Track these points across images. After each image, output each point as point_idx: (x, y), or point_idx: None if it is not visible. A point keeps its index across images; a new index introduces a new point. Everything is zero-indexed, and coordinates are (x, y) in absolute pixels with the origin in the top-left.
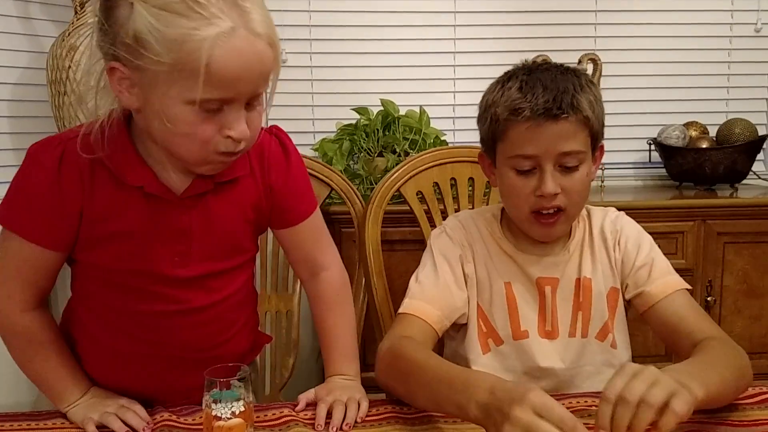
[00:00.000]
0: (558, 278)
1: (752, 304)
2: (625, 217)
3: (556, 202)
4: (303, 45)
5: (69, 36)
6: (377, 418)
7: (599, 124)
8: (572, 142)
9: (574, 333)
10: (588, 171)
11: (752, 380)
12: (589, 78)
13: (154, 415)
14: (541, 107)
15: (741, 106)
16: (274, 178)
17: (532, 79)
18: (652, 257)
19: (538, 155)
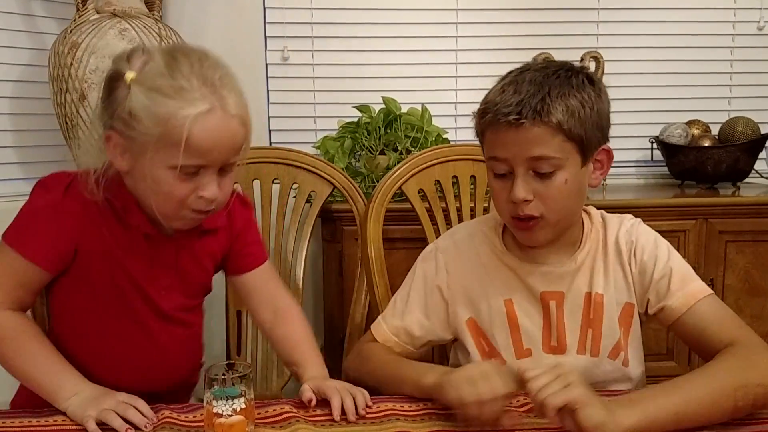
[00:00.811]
0: (563, 292)
1: (754, 303)
2: (641, 226)
3: (528, 210)
4: (305, 43)
5: (71, 33)
6: (378, 415)
7: (585, 128)
8: (541, 148)
9: (584, 350)
10: (568, 178)
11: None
12: (588, 78)
13: (156, 413)
14: (501, 113)
15: (743, 104)
16: (239, 226)
17: (515, 81)
18: (670, 267)
19: (508, 159)
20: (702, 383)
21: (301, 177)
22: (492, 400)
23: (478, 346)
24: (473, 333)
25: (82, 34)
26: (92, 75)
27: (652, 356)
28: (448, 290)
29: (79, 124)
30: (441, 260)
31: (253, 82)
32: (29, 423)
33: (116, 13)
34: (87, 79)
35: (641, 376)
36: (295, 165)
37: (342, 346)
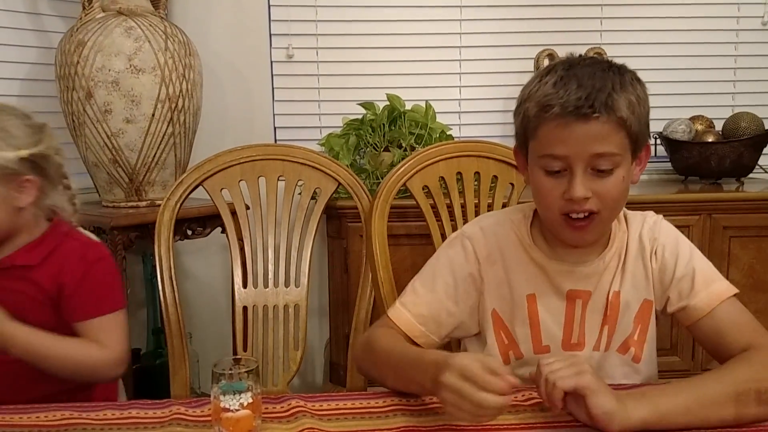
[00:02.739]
0: (590, 291)
1: (758, 298)
2: (663, 223)
3: (587, 206)
4: (309, 40)
5: (77, 31)
6: (384, 410)
7: (640, 125)
8: (606, 144)
9: (599, 347)
10: (625, 175)
11: None
12: (635, 76)
13: (164, 409)
14: (571, 105)
15: (747, 99)
16: (67, 279)
17: (569, 75)
18: (692, 266)
19: (568, 156)
20: (715, 384)
21: (306, 174)
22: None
23: (498, 337)
24: (496, 324)
25: (88, 33)
26: (99, 73)
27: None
28: (481, 280)
29: (86, 122)
30: (470, 247)
31: (258, 80)
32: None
33: (122, 12)
34: (93, 77)
35: (653, 376)
36: (300, 162)
37: (347, 342)
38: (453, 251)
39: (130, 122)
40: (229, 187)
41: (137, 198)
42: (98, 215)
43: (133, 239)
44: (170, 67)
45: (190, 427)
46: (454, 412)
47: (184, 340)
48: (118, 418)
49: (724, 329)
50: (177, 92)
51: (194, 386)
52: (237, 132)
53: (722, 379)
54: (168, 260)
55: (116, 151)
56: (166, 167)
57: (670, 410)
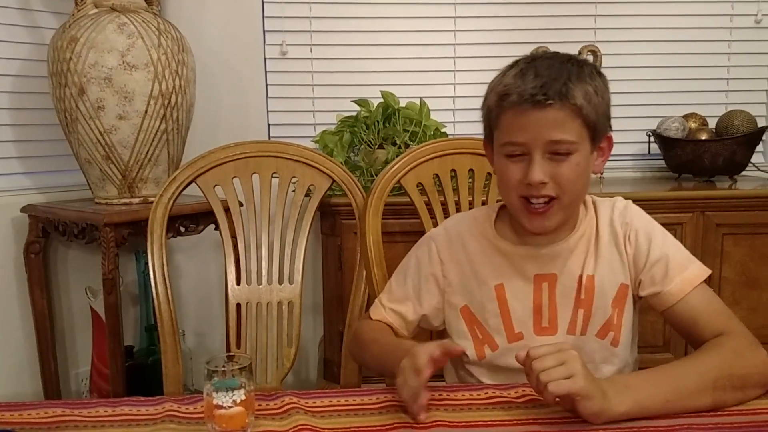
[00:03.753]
0: (556, 274)
1: (750, 295)
2: (632, 207)
3: (545, 191)
4: (303, 37)
5: (70, 27)
6: (378, 406)
7: (597, 115)
8: (562, 131)
9: (574, 331)
10: (581, 161)
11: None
12: (597, 69)
13: (157, 406)
14: (527, 93)
15: (741, 97)
16: None
17: (528, 67)
18: (665, 252)
19: (526, 142)
20: (692, 372)
21: (300, 171)
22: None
23: (472, 333)
24: (467, 320)
25: (80, 29)
26: (91, 69)
27: (648, 348)
28: (444, 279)
29: (78, 118)
30: (434, 248)
31: (252, 77)
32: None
33: (115, 8)
34: (86, 73)
35: (632, 362)
36: (294, 159)
37: (341, 339)
38: (420, 252)
39: (123, 119)
40: (223, 184)
41: (130, 195)
42: (91, 212)
43: (125, 236)
44: (163, 63)
45: (183, 424)
46: (398, 392)
47: (177, 338)
48: (110, 415)
49: (696, 315)
50: (170, 89)
51: (187, 383)
52: (230, 129)
53: (700, 369)
54: (161, 257)
55: (109, 147)
56: (159, 164)
57: (650, 402)
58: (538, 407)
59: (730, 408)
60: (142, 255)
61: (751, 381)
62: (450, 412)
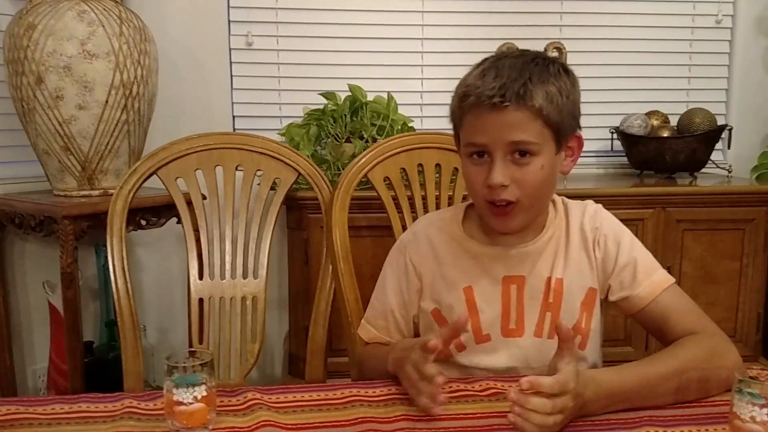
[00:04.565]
0: (524, 276)
1: (709, 290)
2: (602, 212)
3: (505, 195)
4: (269, 28)
5: (27, 14)
6: (342, 401)
7: (561, 115)
8: (521, 132)
9: (541, 333)
10: (545, 164)
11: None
12: (563, 67)
13: (116, 402)
14: (485, 95)
15: (702, 96)
16: None
17: (493, 66)
18: (634, 256)
19: (487, 144)
20: (660, 377)
21: (265, 164)
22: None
23: None
24: (439, 323)
25: (38, 16)
26: (50, 58)
27: (609, 342)
28: (419, 283)
29: (36, 108)
30: (407, 257)
31: (216, 68)
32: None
33: None
34: (44, 61)
35: (596, 363)
36: (259, 151)
37: (306, 334)
38: (395, 263)
39: (83, 109)
40: (185, 177)
41: (90, 187)
42: (49, 204)
43: (85, 229)
44: (125, 52)
45: (143, 420)
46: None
47: (137, 333)
48: (67, 413)
49: (667, 314)
50: (132, 78)
51: (149, 380)
52: (194, 121)
53: (666, 368)
54: (120, 251)
55: (68, 138)
56: (119, 155)
57: (624, 400)
58: (502, 400)
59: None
60: (102, 248)
61: (719, 379)
62: (414, 406)
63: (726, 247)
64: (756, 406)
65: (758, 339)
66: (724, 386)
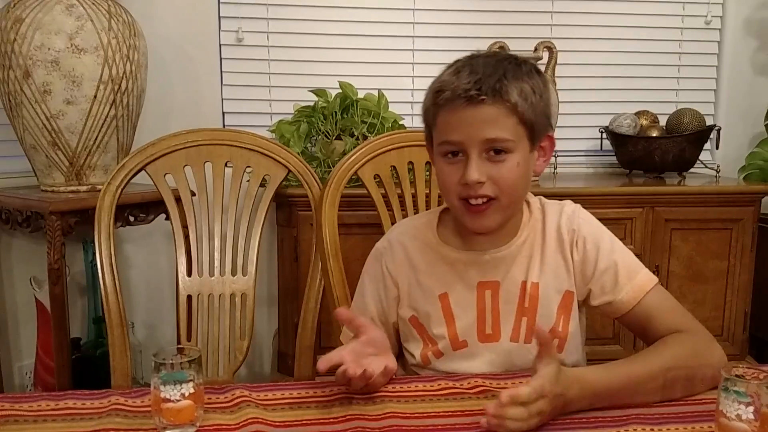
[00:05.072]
0: (499, 281)
1: (696, 289)
2: (581, 213)
3: (483, 191)
4: (260, 24)
5: (14, 8)
6: (330, 399)
7: (535, 113)
8: (497, 129)
9: (517, 338)
10: (520, 161)
11: (708, 375)
12: (535, 68)
13: (102, 399)
14: (461, 89)
15: (691, 96)
16: None
17: (466, 64)
18: (614, 259)
19: (462, 141)
20: (646, 368)
21: (255, 160)
22: None
23: (420, 337)
24: (417, 330)
25: (26, 9)
26: (37, 52)
27: (597, 340)
28: (396, 291)
29: (23, 102)
30: (384, 266)
31: (206, 64)
32: None
33: None
34: (32, 55)
35: (577, 363)
36: (249, 148)
37: (295, 332)
38: (372, 271)
39: (71, 104)
40: (174, 173)
41: (77, 182)
42: (36, 200)
43: (72, 225)
44: (114, 47)
45: (129, 417)
46: None
47: (125, 330)
48: (53, 410)
49: (651, 315)
50: (120, 74)
51: (137, 377)
52: (183, 117)
53: (652, 367)
54: (108, 247)
55: (56, 133)
56: (108, 151)
57: (608, 399)
58: (490, 398)
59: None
60: (90, 244)
61: (704, 377)
62: (403, 404)
63: (714, 246)
64: (742, 404)
65: (745, 338)
66: (709, 384)
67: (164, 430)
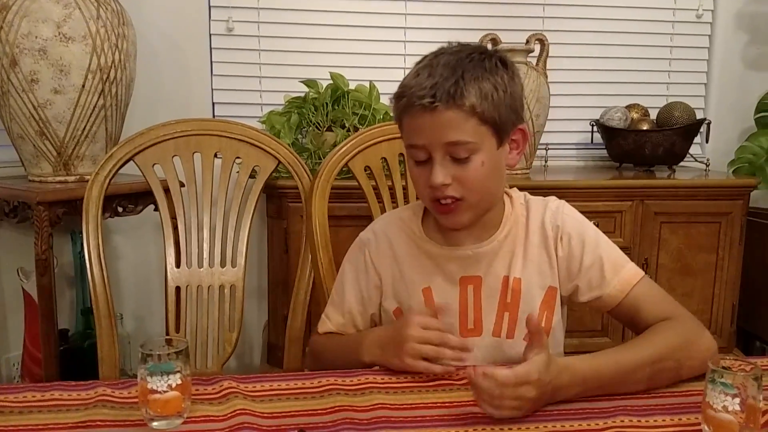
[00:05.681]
0: (481, 276)
1: (685, 282)
2: (565, 209)
3: (449, 192)
4: (251, 14)
5: None
6: (319, 390)
7: (498, 111)
8: (456, 132)
9: (499, 333)
10: (485, 160)
11: (697, 360)
12: (502, 61)
13: (89, 390)
14: (416, 96)
15: (681, 90)
16: None
17: (428, 65)
18: (599, 254)
19: (425, 145)
20: (636, 356)
21: (245, 151)
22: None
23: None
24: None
25: None
26: (24, 40)
27: (586, 332)
28: (380, 282)
29: (10, 91)
30: (367, 256)
31: (196, 53)
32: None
33: None
34: (19, 44)
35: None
36: (238, 138)
37: (285, 323)
38: (355, 260)
39: (59, 93)
40: (162, 163)
41: (65, 172)
42: (23, 190)
43: (60, 215)
44: (102, 36)
45: (116, 408)
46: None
47: (113, 321)
48: (39, 401)
49: (639, 306)
50: (109, 63)
51: (126, 368)
52: (173, 107)
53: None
54: (96, 238)
55: (43, 122)
56: (96, 141)
57: (598, 387)
58: None
59: (663, 390)
60: (78, 235)
61: (693, 365)
62: (391, 395)
63: (702, 239)
64: (728, 396)
65: (732, 330)
66: (698, 371)
67: (151, 422)
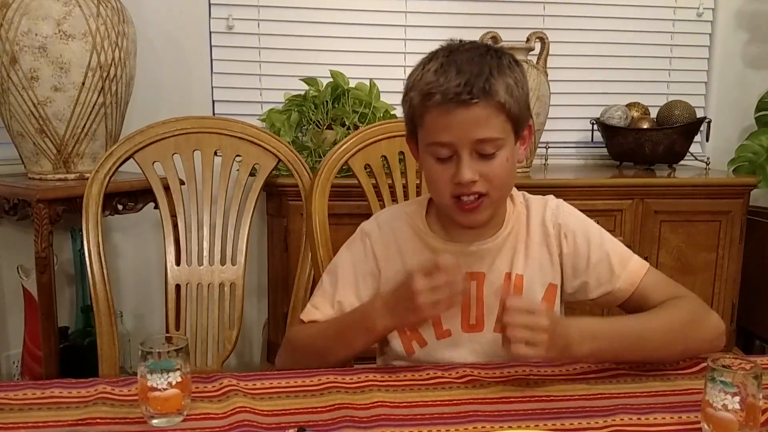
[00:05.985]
0: (484, 272)
1: (685, 281)
2: (564, 207)
3: (475, 188)
4: (251, 11)
5: None
6: (319, 388)
7: (519, 107)
8: (487, 129)
9: (500, 328)
10: (508, 156)
11: (705, 335)
12: (513, 59)
13: (89, 388)
14: (451, 92)
15: (681, 88)
16: None
17: (448, 62)
18: (606, 250)
19: (453, 142)
20: (651, 326)
21: (245, 149)
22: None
23: (401, 329)
24: None
25: None
26: (24, 37)
27: None
28: (379, 274)
29: (10, 89)
30: (368, 244)
31: (196, 51)
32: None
33: None
34: (18, 41)
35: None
36: (238, 136)
37: (285, 321)
38: (354, 248)
39: (59, 90)
40: (162, 161)
41: (65, 170)
42: (23, 187)
43: (60, 213)
44: (102, 34)
45: (116, 406)
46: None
47: (113, 319)
48: (39, 398)
49: (648, 295)
50: (109, 60)
51: (126, 366)
52: (173, 104)
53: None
54: (96, 236)
55: (43, 120)
56: (96, 139)
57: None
58: (478, 387)
59: (663, 389)
60: (78, 233)
61: (702, 339)
62: (391, 393)
63: (702, 238)
64: (728, 394)
65: (732, 329)
66: (706, 347)
67: (151, 419)
